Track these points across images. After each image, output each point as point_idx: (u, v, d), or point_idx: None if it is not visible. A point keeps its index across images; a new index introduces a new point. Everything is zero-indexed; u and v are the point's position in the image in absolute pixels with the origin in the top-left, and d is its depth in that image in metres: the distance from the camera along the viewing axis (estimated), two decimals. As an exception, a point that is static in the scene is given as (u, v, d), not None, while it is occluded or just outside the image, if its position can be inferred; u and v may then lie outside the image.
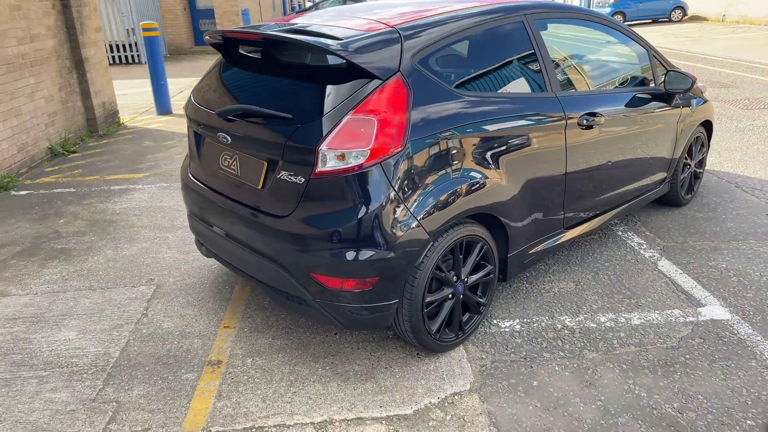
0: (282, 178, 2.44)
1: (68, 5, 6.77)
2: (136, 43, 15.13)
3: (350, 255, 2.35)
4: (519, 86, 2.90)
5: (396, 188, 2.35)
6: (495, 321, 3.03)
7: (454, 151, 2.51)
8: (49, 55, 6.46)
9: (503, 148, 2.69)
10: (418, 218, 2.39)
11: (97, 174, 5.80)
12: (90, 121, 7.35)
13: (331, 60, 2.41)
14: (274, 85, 2.65)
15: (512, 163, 2.74)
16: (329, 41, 2.40)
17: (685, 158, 4.24)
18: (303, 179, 2.36)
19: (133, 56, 15.27)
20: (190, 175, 3.08)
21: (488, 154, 2.63)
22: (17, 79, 5.78)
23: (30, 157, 6.00)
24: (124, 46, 15.14)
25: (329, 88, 2.39)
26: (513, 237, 2.87)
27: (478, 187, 2.58)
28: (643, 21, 22.27)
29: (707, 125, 4.40)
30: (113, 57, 15.06)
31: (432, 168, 2.44)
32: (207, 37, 2.98)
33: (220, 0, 16.73)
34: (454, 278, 2.66)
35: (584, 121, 3.06)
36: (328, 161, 2.30)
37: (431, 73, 2.51)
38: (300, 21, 2.96)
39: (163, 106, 8.58)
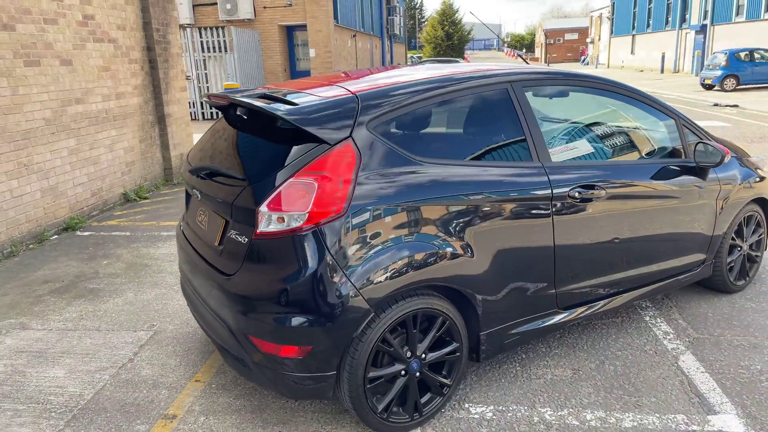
0: (231, 237, 2.46)
1: (156, 67, 7.54)
2: (237, 101, 16.37)
3: (283, 320, 2.28)
4: (497, 155, 2.74)
5: (334, 254, 2.27)
6: (467, 405, 2.78)
7: (405, 219, 2.40)
8: (134, 111, 7.17)
9: (467, 218, 2.52)
10: (358, 287, 2.28)
11: (155, 220, 6.23)
12: (167, 170, 7.99)
13: (285, 125, 2.42)
14: (243, 146, 2.73)
15: (479, 234, 2.56)
16: (284, 107, 2.43)
17: (733, 239, 3.76)
18: (246, 239, 2.36)
19: (234, 112, 16.53)
20: (180, 230, 3.20)
21: (448, 224, 2.48)
22: (98, 131, 6.46)
23: (103, 202, 6.59)
24: (227, 103, 16.47)
25: (280, 152, 2.41)
26: (485, 313, 2.65)
27: (432, 258, 2.43)
28: (761, 85, 20.64)
29: (762, 203, 3.89)
30: (217, 113, 16.42)
31: (377, 235, 2.34)
32: (205, 99, 3.15)
33: (317, 63, 17.84)
34: (408, 354, 2.49)
35: (576, 194, 2.81)
36: (270, 223, 2.28)
37: (389, 140, 2.44)
38: (291, 86, 3.04)
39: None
